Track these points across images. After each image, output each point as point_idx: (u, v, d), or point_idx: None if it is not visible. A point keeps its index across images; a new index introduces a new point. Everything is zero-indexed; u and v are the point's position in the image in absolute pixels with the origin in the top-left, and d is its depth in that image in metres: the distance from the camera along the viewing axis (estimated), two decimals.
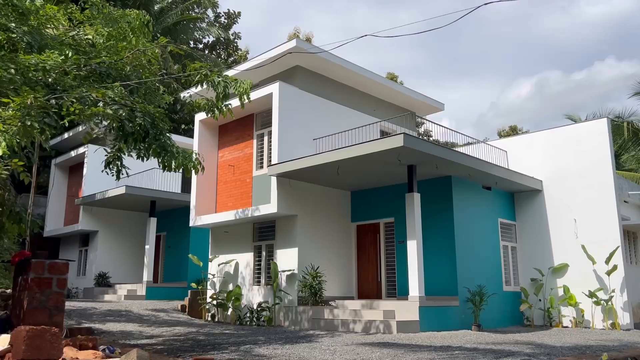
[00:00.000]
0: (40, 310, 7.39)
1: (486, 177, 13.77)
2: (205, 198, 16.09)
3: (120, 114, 6.94)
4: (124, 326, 12.40)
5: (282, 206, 13.55)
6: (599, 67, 72.25)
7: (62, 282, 7.83)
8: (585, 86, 66.44)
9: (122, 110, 6.93)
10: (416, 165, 12.39)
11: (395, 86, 16.70)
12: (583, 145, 14.69)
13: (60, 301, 7.75)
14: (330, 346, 8.93)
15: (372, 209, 14.91)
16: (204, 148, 16.28)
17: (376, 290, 14.58)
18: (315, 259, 13.91)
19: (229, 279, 15.55)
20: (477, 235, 13.95)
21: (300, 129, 14.27)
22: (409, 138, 10.84)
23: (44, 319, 7.44)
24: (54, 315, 7.68)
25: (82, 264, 22.40)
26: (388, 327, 11.03)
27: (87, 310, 14.53)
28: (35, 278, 7.21)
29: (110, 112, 6.83)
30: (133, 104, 8.24)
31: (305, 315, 12.80)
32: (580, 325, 13.82)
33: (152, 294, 18.72)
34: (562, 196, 14.85)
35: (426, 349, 8.51)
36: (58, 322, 7.84)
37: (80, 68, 8.50)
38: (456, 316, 12.46)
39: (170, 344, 9.59)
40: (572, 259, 14.34)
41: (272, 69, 15.25)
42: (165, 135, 9.00)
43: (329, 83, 15.74)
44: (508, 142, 16.47)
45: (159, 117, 8.94)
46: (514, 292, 14.84)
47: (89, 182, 21.24)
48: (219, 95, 9.45)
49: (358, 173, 13.39)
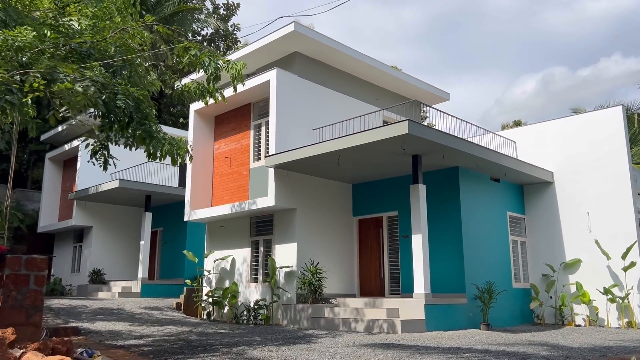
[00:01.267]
0: (17, 309, 6.87)
1: (495, 168, 13.07)
2: (200, 192, 15.44)
3: (92, 92, 6.25)
4: (114, 325, 11.79)
5: (280, 199, 12.89)
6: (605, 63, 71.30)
7: (40, 279, 7.24)
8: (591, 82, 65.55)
9: (94, 87, 6.24)
10: (421, 155, 11.70)
11: (398, 74, 16.00)
12: (596, 134, 13.97)
13: (38, 299, 7.17)
14: (330, 348, 8.29)
15: (375, 202, 14.24)
16: (199, 139, 15.63)
17: (379, 287, 13.92)
18: (315, 255, 13.26)
19: (225, 276, 14.91)
20: (486, 230, 13.27)
21: (299, 118, 13.59)
22: (414, 125, 10.15)
23: (21, 319, 6.91)
24: (32, 315, 7.09)
25: (76, 260, 21.80)
26: (392, 327, 10.38)
27: (76, 309, 13.91)
28: (10, 275, 6.72)
29: (79, 89, 6.15)
30: (114, 85, 7.59)
31: (305, 313, 12.16)
32: (594, 324, 13.14)
33: (147, 292, 18.11)
34: (574, 188, 14.14)
35: (434, 351, 7.85)
36: (36, 322, 7.25)
37: (59, 47, 7.86)
38: (464, 314, 11.80)
39: (159, 345, 8.95)
40: (585, 254, 13.64)
41: (270, 56, 14.57)
42: (151, 120, 8.36)
43: (330, 70, 15.04)
44: (517, 132, 15.75)
45: (143, 100, 8.30)
46: (523, 289, 14.16)
47: (82, 176, 20.63)
48: (209, 78, 8.78)
49: (360, 164, 12.72)
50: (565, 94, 65.50)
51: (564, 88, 67.48)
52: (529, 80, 74.46)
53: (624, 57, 71.70)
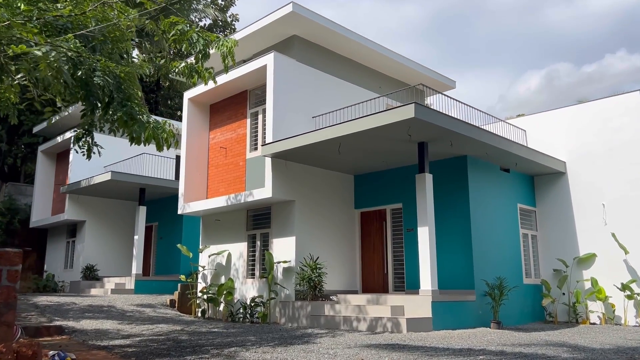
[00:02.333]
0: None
1: (505, 157, 12.33)
2: (195, 184, 14.74)
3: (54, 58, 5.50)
4: (102, 324, 11.12)
5: (277, 190, 12.18)
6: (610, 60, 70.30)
7: (13, 274, 6.56)
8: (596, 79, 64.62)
9: (55, 53, 5.51)
10: (428, 142, 10.97)
11: (402, 60, 15.23)
12: (612, 121, 13.21)
13: (11, 297, 6.48)
14: (329, 349, 7.59)
15: (378, 194, 13.52)
16: (193, 129, 14.93)
17: (382, 283, 13.21)
18: (315, 249, 12.56)
19: (220, 272, 14.22)
20: (495, 223, 12.54)
21: (298, 105, 12.86)
22: (421, 108, 9.41)
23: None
24: (4, 313, 6.39)
25: (69, 256, 21.13)
26: (397, 326, 9.67)
27: (64, 306, 13.25)
28: None
29: (38, 53, 5.42)
30: (91, 60, 6.87)
31: (304, 311, 11.46)
32: (611, 322, 12.42)
33: (141, 288, 17.45)
34: (589, 179, 13.40)
35: (444, 353, 7.15)
36: (9, 321, 6.56)
37: (32, 20, 7.14)
38: (473, 312, 11.09)
39: (145, 346, 8.27)
40: (601, 248, 12.90)
41: (266, 40, 13.83)
42: (134, 101, 7.64)
43: (331, 56, 14.29)
44: (527, 120, 14.96)
45: (126, 79, 7.58)
46: (534, 285, 13.44)
47: (75, 169, 19.93)
48: (198, 57, 8.06)
49: (362, 153, 11.99)
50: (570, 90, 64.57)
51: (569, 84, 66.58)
52: (533, 76, 73.60)
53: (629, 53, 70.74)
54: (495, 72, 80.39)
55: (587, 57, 75.17)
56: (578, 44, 76.21)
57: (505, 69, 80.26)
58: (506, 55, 79.25)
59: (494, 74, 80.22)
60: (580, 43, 76.04)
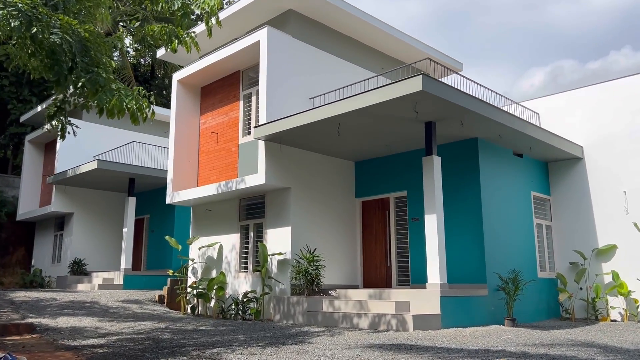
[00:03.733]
0: None
1: (520, 140, 11.33)
2: (184, 171, 13.78)
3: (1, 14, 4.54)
4: (80, 321, 10.19)
5: (271, 177, 11.21)
6: (615, 57, 69.22)
7: None
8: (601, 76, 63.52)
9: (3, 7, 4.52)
10: (436, 122, 9.99)
11: (407, 39, 14.22)
12: (634, 102, 12.21)
13: None
14: (326, 350, 6.64)
15: (381, 182, 12.54)
16: (183, 113, 13.96)
17: (385, 277, 12.25)
18: (312, 240, 11.60)
19: (211, 265, 13.26)
20: (508, 212, 11.55)
21: (294, 85, 11.88)
22: (429, 81, 8.43)
23: None
24: None
25: (56, 250, 20.19)
26: (402, 323, 8.71)
27: (42, 302, 12.31)
28: None
29: None
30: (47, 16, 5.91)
31: (300, 307, 10.50)
32: (634, 319, 11.43)
33: (130, 283, 16.52)
34: (608, 164, 12.41)
35: (458, 355, 6.18)
36: None
37: None
38: (485, 308, 10.11)
39: (120, 346, 7.34)
40: (622, 239, 11.91)
41: (260, 16, 12.82)
42: (102, 68, 6.68)
43: (330, 33, 13.29)
44: (540, 102, 13.94)
45: (93, 42, 6.61)
46: (549, 279, 12.46)
47: (62, 159, 19.00)
48: (178, 17, 7.10)
49: (363, 135, 11.01)
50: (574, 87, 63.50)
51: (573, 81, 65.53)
52: (537, 73, 72.54)
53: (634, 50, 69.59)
54: (499, 68, 79.25)
55: (592, 54, 74.01)
56: (582, 41, 75.03)
57: (509, 66, 79.07)
58: (510, 52, 78.05)
59: (498, 70, 79.07)
60: (585, 40, 74.85)
